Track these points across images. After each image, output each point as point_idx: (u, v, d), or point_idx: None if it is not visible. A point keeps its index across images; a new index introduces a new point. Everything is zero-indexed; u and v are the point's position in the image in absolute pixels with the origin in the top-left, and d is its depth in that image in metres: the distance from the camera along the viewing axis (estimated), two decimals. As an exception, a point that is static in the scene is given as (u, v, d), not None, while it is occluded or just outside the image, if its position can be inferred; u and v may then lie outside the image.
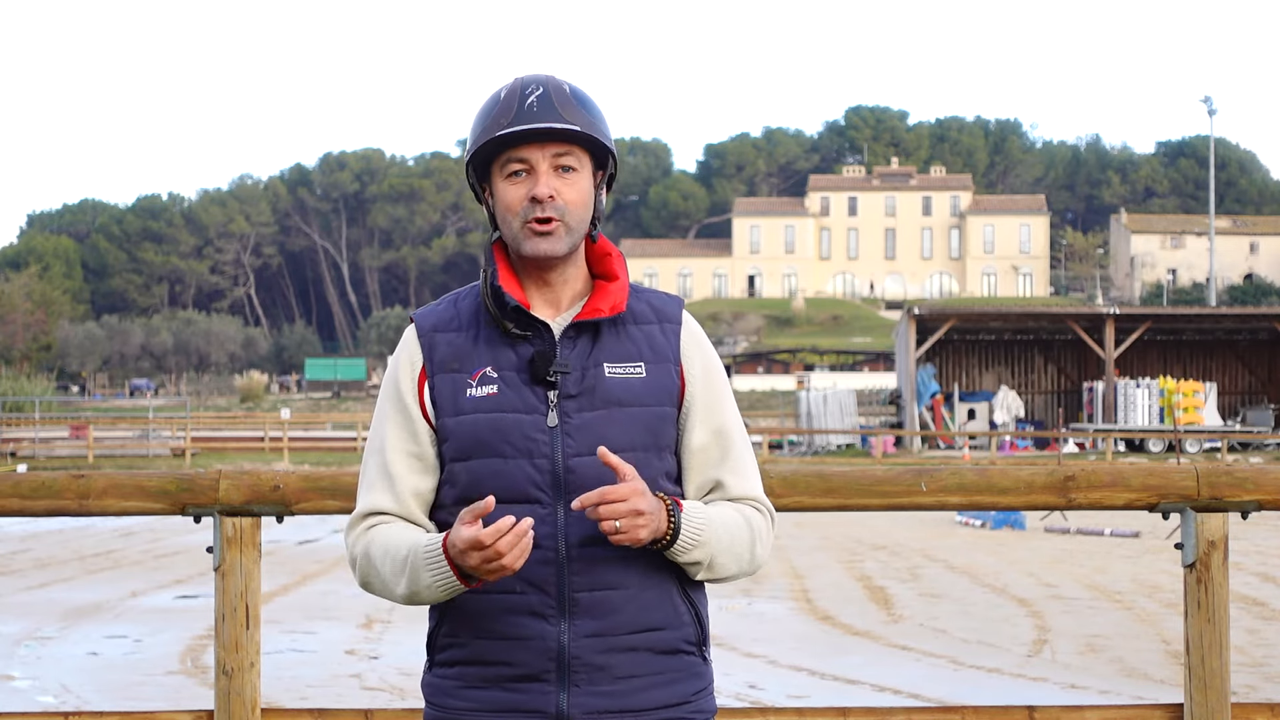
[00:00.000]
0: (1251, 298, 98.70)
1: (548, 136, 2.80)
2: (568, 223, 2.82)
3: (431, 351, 2.87)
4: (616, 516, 2.65)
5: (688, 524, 2.76)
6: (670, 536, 2.74)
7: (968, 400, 48.55)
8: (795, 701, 9.43)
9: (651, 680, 2.81)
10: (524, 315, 2.83)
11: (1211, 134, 73.11)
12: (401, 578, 2.78)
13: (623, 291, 2.87)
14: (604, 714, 2.78)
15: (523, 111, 2.80)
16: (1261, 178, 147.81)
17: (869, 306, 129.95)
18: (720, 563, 2.82)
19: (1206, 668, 4.31)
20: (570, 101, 2.82)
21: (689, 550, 2.77)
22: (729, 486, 2.88)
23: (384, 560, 2.82)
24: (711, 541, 2.79)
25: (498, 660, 2.79)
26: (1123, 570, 17.19)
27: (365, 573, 2.86)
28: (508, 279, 2.86)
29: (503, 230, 2.86)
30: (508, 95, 2.83)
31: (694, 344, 2.91)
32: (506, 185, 2.83)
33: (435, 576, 2.73)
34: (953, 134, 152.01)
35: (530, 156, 2.81)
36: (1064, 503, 4.36)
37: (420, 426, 2.87)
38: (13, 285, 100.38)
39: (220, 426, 61.14)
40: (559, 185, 2.81)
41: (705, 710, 2.89)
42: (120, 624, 13.17)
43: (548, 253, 2.81)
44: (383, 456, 2.88)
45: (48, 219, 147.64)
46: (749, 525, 2.86)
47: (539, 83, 2.83)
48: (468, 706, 2.81)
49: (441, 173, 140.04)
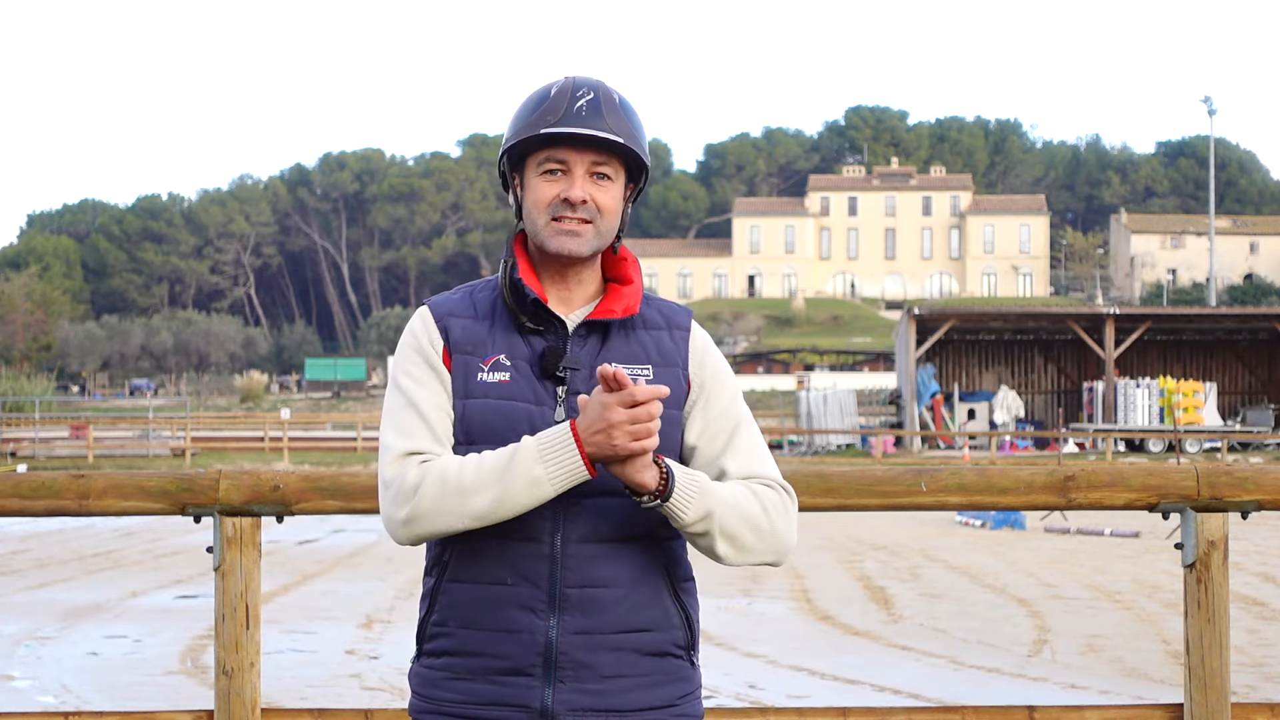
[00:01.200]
0: (1251, 298, 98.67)
1: (591, 144, 2.81)
2: (597, 227, 2.83)
3: (448, 333, 2.86)
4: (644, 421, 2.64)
5: (682, 476, 2.72)
6: (665, 485, 2.70)
7: (968, 400, 48.55)
8: (795, 701, 9.43)
9: (637, 681, 2.80)
10: (541, 309, 2.84)
11: (1211, 134, 73.12)
12: (495, 484, 2.69)
13: (636, 295, 2.88)
14: (588, 712, 2.77)
15: (571, 113, 2.80)
16: (1261, 178, 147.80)
17: (869, 306, 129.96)
18: (732, 527, 2.76)
19: (1206, 668, 4.31)
20: (618, 111, 2.83)
21: (688, 504, 2.71)
22: (731, 470, 2.85)
23: (464, 473, 2.72)
24: (711, 500, 2.73)
25: (485, 652, 2.78)
26: (1123, 570, 17.19)
27: (433, 496, 2.72)
28: (526, 273, 2.86)
29: (528, 224, 2.86)
30: (558, 94, 2.83)
31: (701, 351, 2.92)
32: (540, 181, 2.84)
33: (557, 465, 2.67)
34: (953, 134, 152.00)
35: (569, 158, 2.82)
36: (1064, 503, 4.36)
37: (449, 391, 2.83)
38: (13, 285, 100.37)
39: (220, 426, 61.14)
40: (593, 190, 2.82)
41: (692, 715, 2.87)
42: (120, 624, 13.17)
43: (572, 252, 2.82)
44: (419, 410, 2.81)
45: (48, 219, 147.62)
46: (754, 494, 2.81)
47: (591, 87, 2.83)
48: (454, 698, 2.81)
49: (441, 173, 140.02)
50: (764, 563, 2.84)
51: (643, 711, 2.80)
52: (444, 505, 2.72)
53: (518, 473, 2.69)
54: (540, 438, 2.70)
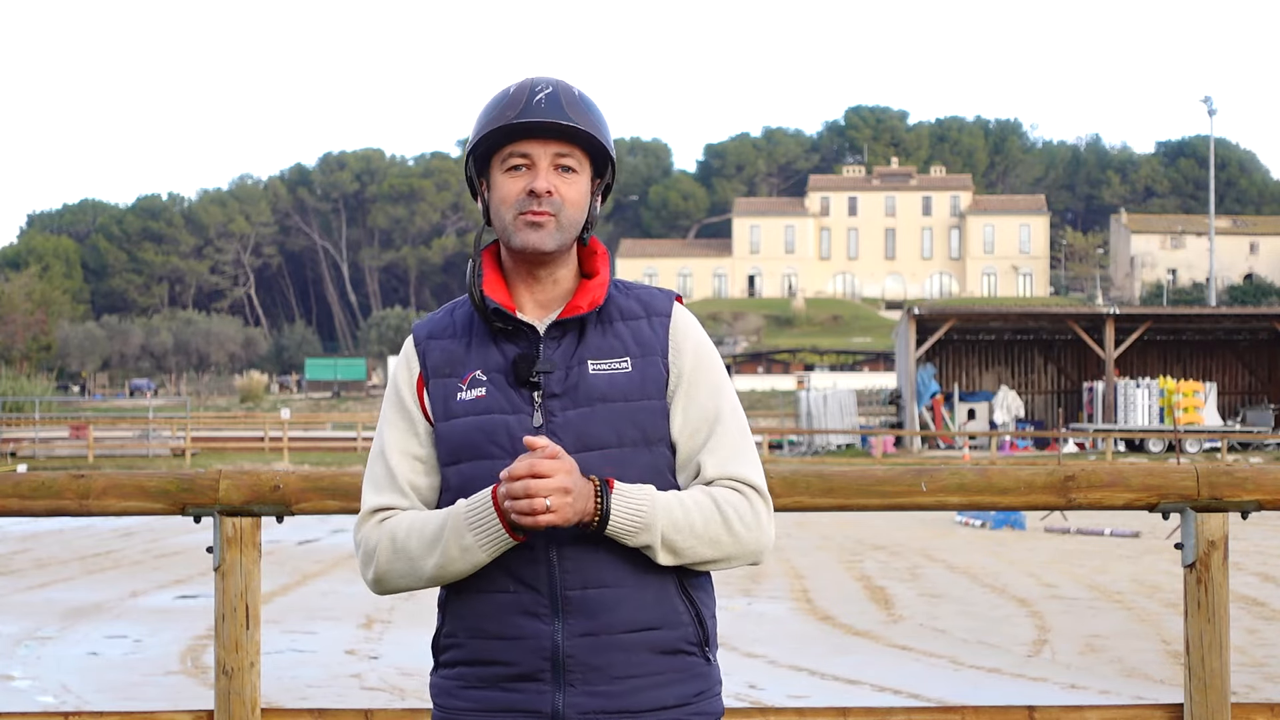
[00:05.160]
0: (1251, 298, 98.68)
1: (552, 134, 2.82)
2: (561, 220, 2.82)
3: (426, 358, 2.89)
4: (545, 493, 2.62)
5: (621, 505, 2.70)
6: (598, 520, 2.70)
7: (968, 400, 48.56)
8: (795, 701, 9.43)
9: (651, 681, 2.78)
10: (506, 317, 2.84)
11: (1211, 134, 73.07)
12: (434, 552, 2.76)
13: (602, 287, 2.86)
14: (600, 714, 2.75)
15: (530, 107, 2.81)
16: (1261, 178, 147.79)
17: (869, 306, 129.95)
18: (684, 545, 2.76)
19: (1206, 668, 4.31)
20: (578, 104, 2.84)
21: (633, 534, 2.72)
22: (706, 468, 2.83)
23: (410, 538, 2.80)
24: (656, 523, 2.72)
25: (494, 660, 2.79)
26: (1123, 570, 17.19)
27: (387, 559, 2.82)
28: (493, 281, 2.87)
29: (495, 223, 2.87)
30: (516, 91, 2.84)
31: (683, 335, 2.88)
32: (505, 178, 2.84)
33: (482, 533, 2.71)
34: (953, 134, 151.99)
35: (532, 152, 2.82)
36: (1064, 503, 4.36)
37: (422, 428, 2.88)
38: (13, 285, 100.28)
39: (220, 426, 61.14)
40: (557, 182, 2.82)
41: (710, 713, 2.84)
42: (120, 624, 13.17)
43: (536, 245, 2.81)
44: (386, 460, 2.89)
45: (48, 219, 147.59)
46: (717, 505, 2.78)
47: (549, 83, 2.84)
48: (467, 706, 2.82)
49: (441, 173, 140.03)
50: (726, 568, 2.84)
51: (657, 711, 2.78)
52: (397, 569, 2.83)
53: (450, 541, 2.75)
54: (469, 504, 2.74)
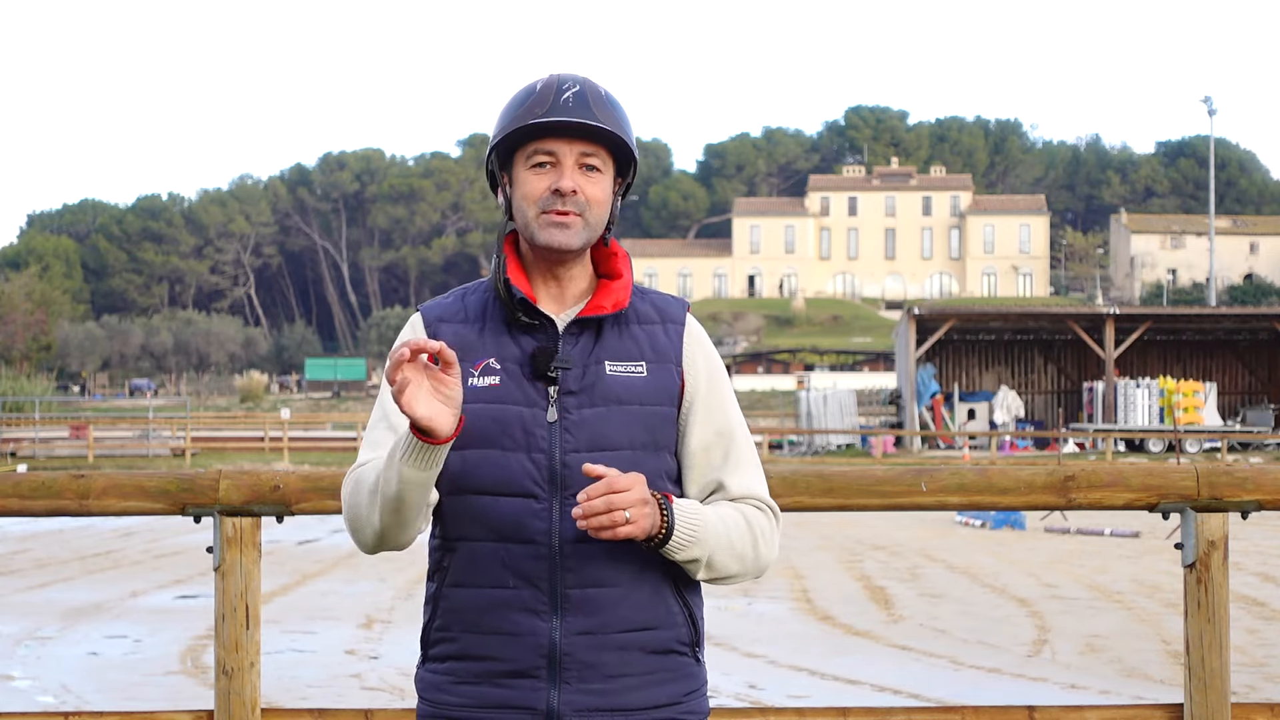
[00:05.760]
0: (1251, 298, 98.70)
1: (579, 133, 2.81)
2: (586, 219, 2.82)
3: (437, 339, 2.85)
4: (625, 506, 2.62)
5: (681, 520, 2.73)
6: (664, 533, 2.72)
7: (968, 400, 48.55)
8: (795, 701, 9.42)
9: (643, 680, 2.80)
10: (530, 309, 2.83)
11: (1211, 134, 73.09)
12: (376, 492, 2.74)
13: (626, 289, 2.87)
14: (594, 712, 2.76)
15: (558, 105, 2.80)
16: (1261, 178, 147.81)
17: (869, 306, 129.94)
18: (720, 561, 2.79)
19: (1206, 668, 4.31)
20: (605, 104, 2.84)
21: (685, 548, 2.74)
22: (730, 487, 2.87)
23: (362, 487, 2.79)
24: (708, 539, 2.76)
25: (489, 656, 2.78)
26: (1123, 570, 17.18)
27: (351, 509, 2.82)
28: (515, 272, 2.86)
29: (518, 219, 2.86)
30: (544, 88, 2.83)
31: (697, 345, 2.90)
32: (529, 175, 2.83)
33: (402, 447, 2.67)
34: (953, 134, 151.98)
35: (558, 150, 2.82)
36: (1064, 503, 4.36)
37: None
38: (13, 285, 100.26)
39: (220, 426, 61.12)
40: (583, 181, 2.82)
41: (697, 712, 2.87)
42: (120, 624, 13.16)
43: (562, 244, 2.81)
44: (388, 420, 2.86)
45: (48, 219, 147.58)
46: (749, 524, 2.84)
47: (576, 81, 2.84)
48: (460, 702, 2.81)
49: (441, 173, 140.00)
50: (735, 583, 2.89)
51: (648, 710, 2.80)
52: (360, 518, 2.79)
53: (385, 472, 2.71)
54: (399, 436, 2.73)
